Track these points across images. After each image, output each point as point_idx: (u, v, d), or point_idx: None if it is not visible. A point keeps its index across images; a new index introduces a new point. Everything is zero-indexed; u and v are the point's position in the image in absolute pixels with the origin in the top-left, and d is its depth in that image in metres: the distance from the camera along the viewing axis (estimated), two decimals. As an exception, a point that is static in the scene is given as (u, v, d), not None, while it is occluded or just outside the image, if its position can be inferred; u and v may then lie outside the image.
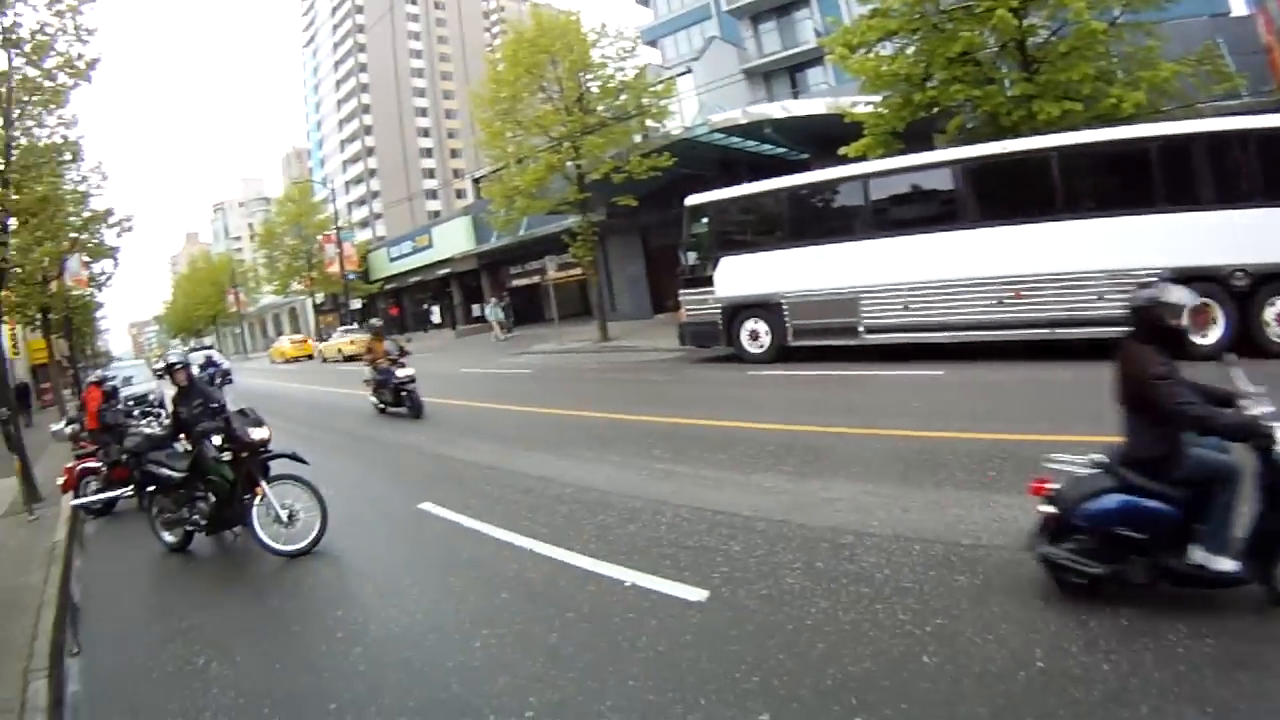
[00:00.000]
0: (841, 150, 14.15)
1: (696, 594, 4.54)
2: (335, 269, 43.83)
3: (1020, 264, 10.45)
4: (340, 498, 8.33)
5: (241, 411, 6.97)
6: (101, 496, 9.02)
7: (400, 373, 13.05)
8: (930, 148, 13.09)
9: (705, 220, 14.17)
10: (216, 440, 6.88)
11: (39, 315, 20.50)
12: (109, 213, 15.78)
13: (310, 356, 39.89)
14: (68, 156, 11.73)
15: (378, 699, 4.00)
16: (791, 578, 4.59)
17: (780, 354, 13.05)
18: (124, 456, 8.11)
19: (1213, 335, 9.26)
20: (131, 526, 8.29)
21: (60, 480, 9.40)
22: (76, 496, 9.16)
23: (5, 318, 17.83)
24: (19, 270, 14.34)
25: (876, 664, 3.51)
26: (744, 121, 20.10)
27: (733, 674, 3.61)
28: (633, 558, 5.27)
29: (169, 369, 7.73)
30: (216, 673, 4.66)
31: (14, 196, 10.26)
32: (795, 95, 31.33)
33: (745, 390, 12.02)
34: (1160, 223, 9.60)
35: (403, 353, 13.59)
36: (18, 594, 6.60)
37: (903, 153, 12.71)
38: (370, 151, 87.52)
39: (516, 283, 36.82)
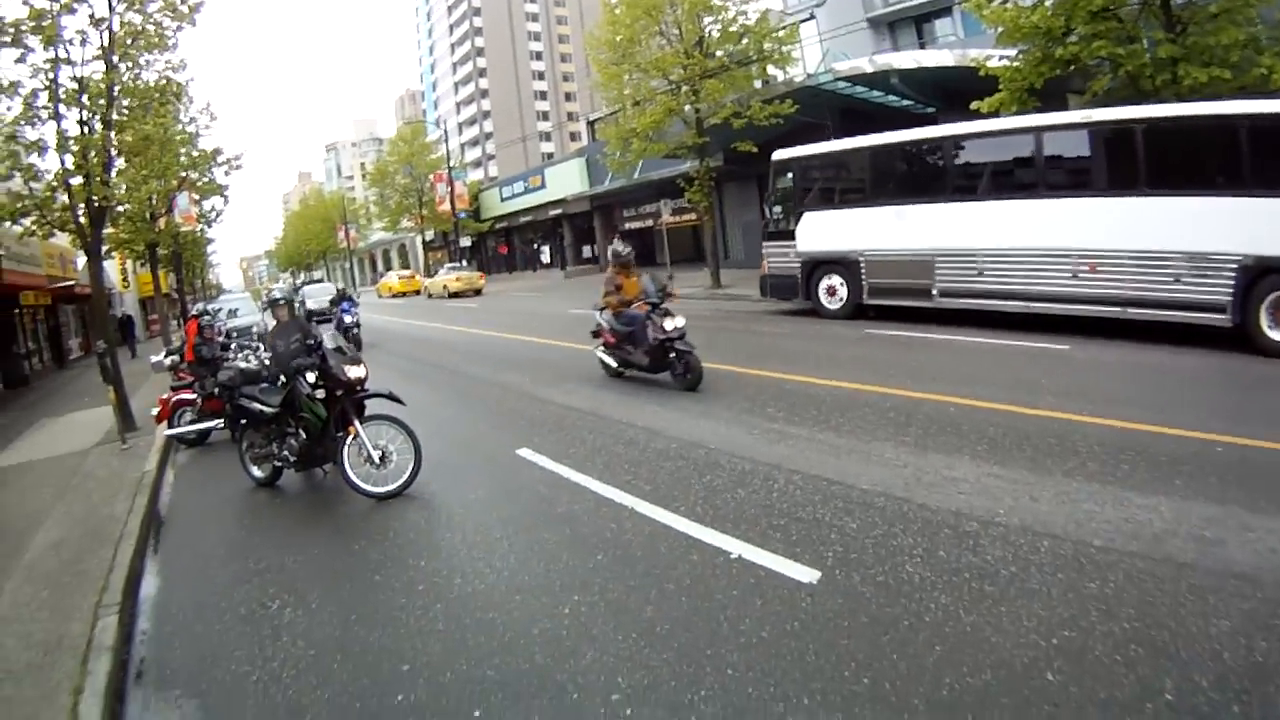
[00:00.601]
0: (973, 105, 14.25)
1: (808, 574, 4.28)
2: (445, 207, 45.40)
3: (1096, 238, 10.47)
4: (437, 438, 8.33)
5: (338, 348, 6.95)
6: (194, 428, 9.41)
7: (669, 324, 9.15)
8: (1065, 108, 13.15)
9: (790, 175, 14.80)
10: (310, 377, 6.86)
11: (146, 250, 21.85)
12: (217, 152, 16.49)
13: (417, 292, 41.71)
14: (170, 98, 12.20)
15: (454, 663, 3.79)
16: (911, 565, 4.28)
17: (855, 311, 13.69)
18: (216, 389, 8.26)
19: None
20: (223, 459, 8.56)
21: (154, 411, 9.82)
22: (170, 427, 9.54)
23: (114, 252, 19.13)
24: (125, 208, 15.15)
25: (997, 677, 3.23)
26: (869, 70, 20.15)
27: (841, 672, 3.37)
28: (741, 526, 5.01)
29: (271, 304, 7.83)
30: (289, 619, 4.61)
31: (115, 137, 10.85)
32: (921, 46, 29.65)
33: (861, 349, 11.34)
34: (1248, 207, 9.10)
35: (667, 295, 9.65)
36: (102, 525, 6.90)
37: (1038, 111, 12.59)
38: (484, 94, 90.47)
39: (630, 225, 36.99)
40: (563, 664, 3.64)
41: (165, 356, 11.28)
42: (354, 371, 6.71)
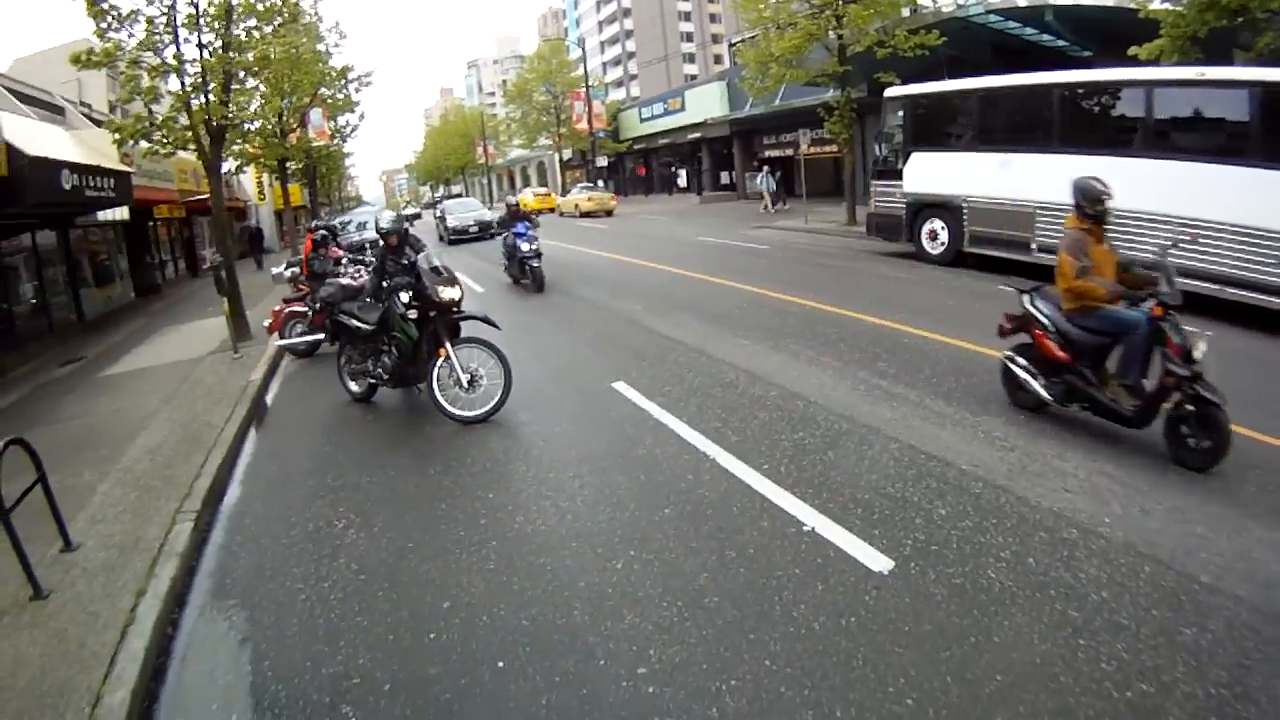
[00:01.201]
0: (1131, 50, 13.71)
1: (880, 562, 3.99)
2: (582, 126, 45.83)
3: (1198, 206, 9.97)
4: (535, 363, 8.45)
5: (434, 268, 6.96)
6: (302, 340, 9.90)
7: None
8: (1229, 62, 12.79)
9: (901, 113, 14.98)
10: (404, 297, 7.00)
11: (277, 164, 23.07)
12: (348, 69, 17.00)
13: (552, 210, 42.45)
14: (288, 17, 12.53)
15: (493, 606, 3.80)
16: (994, 570, 3.88)
17: (956, 258, 13.79)
18: (318, 305, 8.56)
19: None
20: (328, 372, 8.93)
21: (266, 322, 10.33)
22: (282, 338, 10.02)
23: (246, 167, 20.38)
24: (257, 124, 15.93)
25: (1054, 726, 2.85)
26: (1023, 4, 19.96)
27: (886, 687, 3.10)
28: (821, 495, 4.75)
29: (382, 235, 7.64)
30: (350, 540, 4.78)
31: (235, 58, 11.39)
32: None
33: (996, 305, 10.33)
34: None
35: None
36: (198, 432, 7.40)
37: (1201, 63, 12.10)
38: (626, 12, 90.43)
39: (769, 154, 36.05)
40: (599, 625, 3.56)
41: (285, 269, 11.88)
42: (448, 293, 6.75)
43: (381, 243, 7.60)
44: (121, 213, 17.15)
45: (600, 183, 45.76)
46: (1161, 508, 4.42)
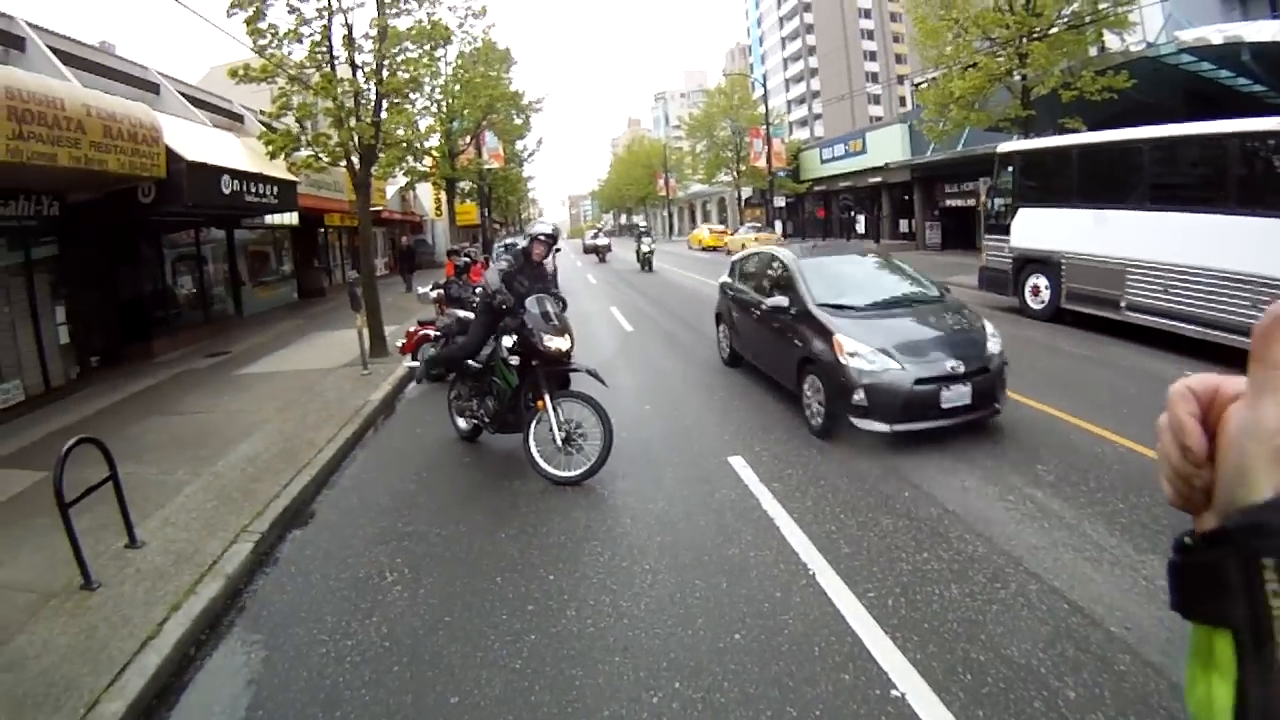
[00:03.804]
0: None
1: None
2: (761, 164, 45.88)
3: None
4: (654, 421, 8.15)
5: (545, 313, 6.67)
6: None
7: None
8: None
9: (1011, 168, 15.60)
10: (508, 341, 6.80)
11: (444, 183, 24.13)
12: (519, 95, 17.56)
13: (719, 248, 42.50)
14: (437, 41, 13.02)
15: (501, 715, 3.48)
16: None
17: (1055, 314, 14.31)
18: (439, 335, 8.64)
19: None
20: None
21: (400, 342, 10.55)
22: (414, 360, 10.16)
23: (415, 185, 21.48)
24: (427, 144, 16.75)
25: None
26: (1217, 42, 18.92)
27: None
28: (927, 647, 3.94)
29: (532, 237, 7.35)
30: (391, 598, 4.61)
31: (387, 79, 11.94)
32: (1276, 17, 25.54)
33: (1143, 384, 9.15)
34: None
35: None
36: (298, 448, 7.56)
37: None
38: (811, 51, 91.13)
39: (950, 202, 34.84)
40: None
41: (431, 289, 12.18)
42: (555, 343, 6.48)
43: (523, 251, 7.25)
44: (291, 218, 18.38)
45: (777, 224, 45.58)
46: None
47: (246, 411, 9.11)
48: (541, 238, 7.23)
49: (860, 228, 45.65)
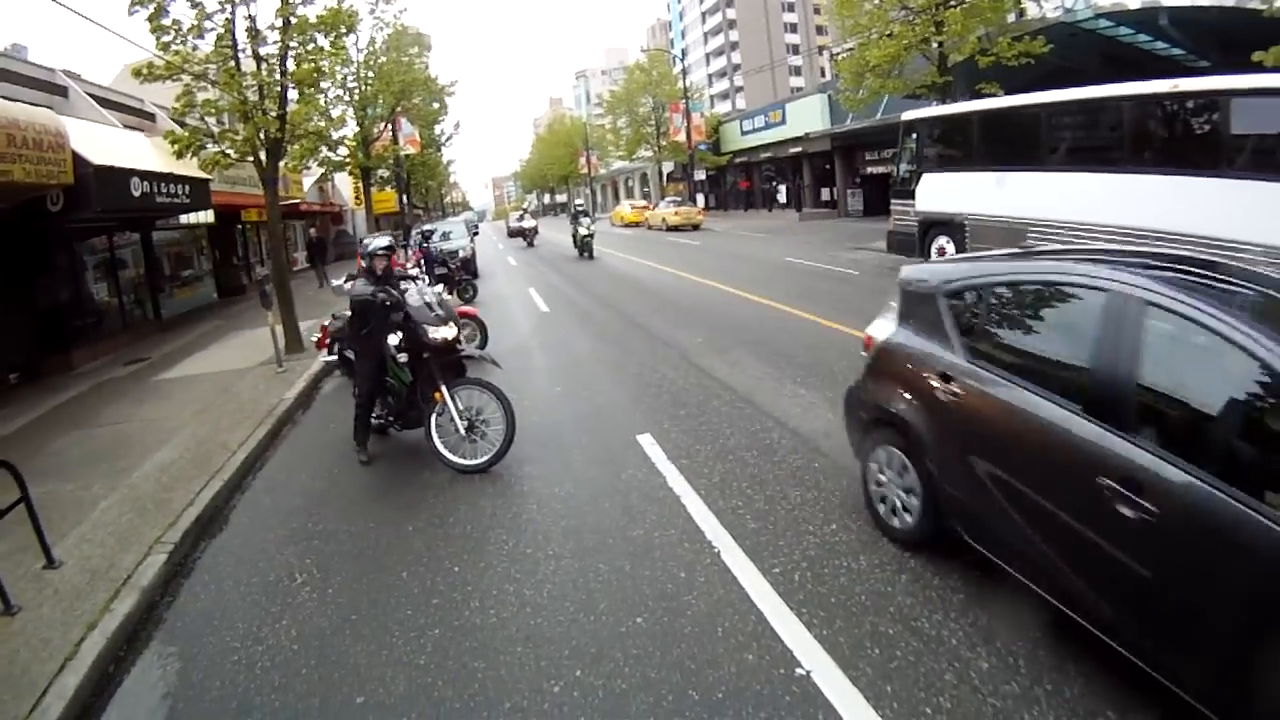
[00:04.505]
0: (1255, 56, 13.75)
1: None
2: (681, 138, 46.11)
3: (1178, 221, 10.32)
4: (564, 403, 8.21)
5: (427, 304, 6.64)
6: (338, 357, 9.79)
7: None
8: None
9: (914, 135, 16.07)
10: (394, 339, 6.71)
11: (360, 172, 23.65)
12: (431, 80, 17.23)
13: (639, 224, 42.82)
14: (342, 30, 12.65)
15: (406, 713, 3.50)
16: None
17: None
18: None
19: None
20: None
21: (315, 336, 10.43)
22: (330, 354, 10.03)
23: (336, 173, 21.02)
24: (335, 135, 16.44)
25: None
26: (1135, 7, 19.91)
27: None
28: (834, 622, 3.89)
29: (369, 255, 6.96)
30: (300, 600, 4.61)
31: (292, 70, 11.58)
32: None
33: None
34: None
35: None
36: (211, 454, 7.43)
37: None
38: (732, 24, 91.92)
39: (871, 170, 35.64)
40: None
41: (346, 281, 11.96)
42: (439, 333, 6.42)
43: (368, 270, 6.96)
44: (207, 216, 17.84)
45: (700, 197, 45.82)
46: None
47: (163, 419, 8.88)
48: (379, 253, 6.99)
49: (782, 198, 46.18)
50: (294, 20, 11.36)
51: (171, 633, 4.45)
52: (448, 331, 6.49)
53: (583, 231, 25.65)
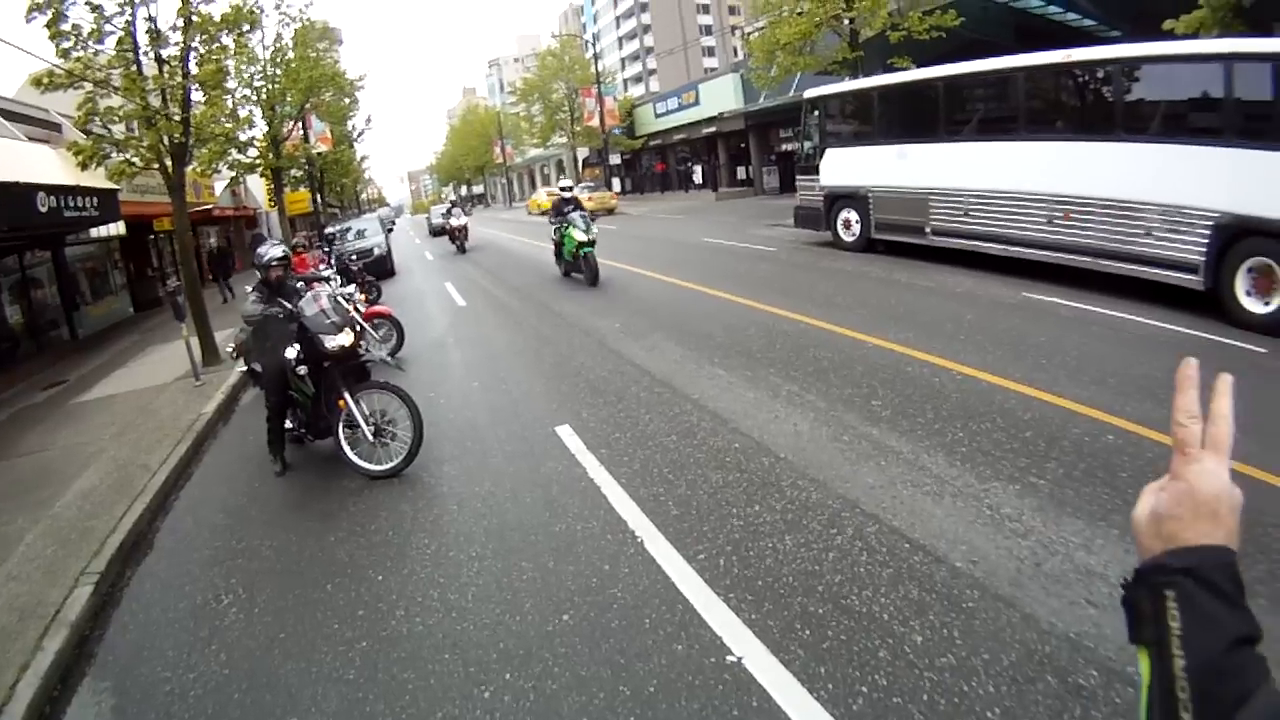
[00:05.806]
0: (1166, 25, 13.75)
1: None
2: (594, 123, 45.41)
3: (1070, 184, 10.70)
4: (480, 396, 8.13)
5: (322, 311, 6.41)
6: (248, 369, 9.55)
7: None
8: (1272, 35, 12.61)
9: (817, 112, 16.14)
10: (290, 352, 6.49)
11: (270, 173, 22.89)
12: (340, 74, 16.72)
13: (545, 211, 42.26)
14: (244, 29, 12.20)
15: None
16: None
17: (866, 245, 15.05)
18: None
19: (1277, 302, 8.32)
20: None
21: (230, 346, 10.09)
22: (248, 364, 9.75)
23: (247, 175, 20.25)
24: (242, 136, 15.84)
25: None
26: None
27: None
28: (763, 605, 3.86)
29: (264, 266, 6.89)
30: (228, 622, 4.50)
31: (195, 71, 11.15)
32: None
33: (1016, 321, 9.19)
34: (1226, 159, 8.68)
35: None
36: (132, 476, 7.17)
37: (1245, 36, 11.82)
38: (644, 7, 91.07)
39: (785, 147, 35.18)
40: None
41: (252, 290, 11.60)
42: (335, 341, 6.22)
43: (262, 282, 6.90)
44: (118, 228, 17.06)
45: (615, 181, 45.56)
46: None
47: (84, 443, 8.50)
48: (274, 264, 6.91)
49: (698, 179, 46.17)
50: (195, 19, 10.86)
51: (104, 667, 4.30)
52: (344, 339, 6.29)
53: (581, 236, 14.07)
